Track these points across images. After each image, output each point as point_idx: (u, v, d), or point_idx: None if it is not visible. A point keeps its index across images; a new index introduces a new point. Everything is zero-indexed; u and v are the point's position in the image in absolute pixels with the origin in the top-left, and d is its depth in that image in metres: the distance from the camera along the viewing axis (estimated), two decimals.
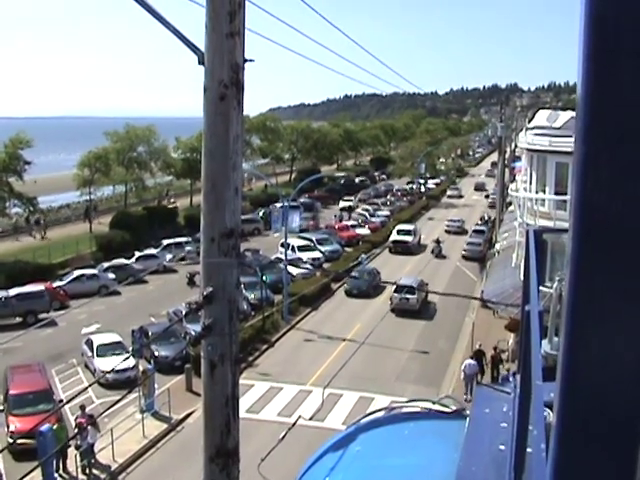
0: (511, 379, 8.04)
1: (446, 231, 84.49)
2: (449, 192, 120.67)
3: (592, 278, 1.57)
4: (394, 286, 50.52)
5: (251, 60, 6.87)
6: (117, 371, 35.20)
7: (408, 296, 49.48)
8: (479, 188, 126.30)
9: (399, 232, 75.69)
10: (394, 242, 74.42)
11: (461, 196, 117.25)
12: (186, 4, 8.88)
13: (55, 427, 28.22)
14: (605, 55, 1.50)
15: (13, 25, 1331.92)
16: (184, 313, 41.11)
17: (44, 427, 26.75)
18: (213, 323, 6.88)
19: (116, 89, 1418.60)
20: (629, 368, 1.59)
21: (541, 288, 5.13)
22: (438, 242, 73.35)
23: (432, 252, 72.24)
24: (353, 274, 57.55)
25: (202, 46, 6.66)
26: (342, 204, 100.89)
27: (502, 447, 6.00)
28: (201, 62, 6.69)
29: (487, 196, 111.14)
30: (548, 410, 3.44)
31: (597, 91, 1.52)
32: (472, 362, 37.30)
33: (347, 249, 72.50)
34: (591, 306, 1.58)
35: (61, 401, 32.71)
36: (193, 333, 37.81)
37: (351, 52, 26.19)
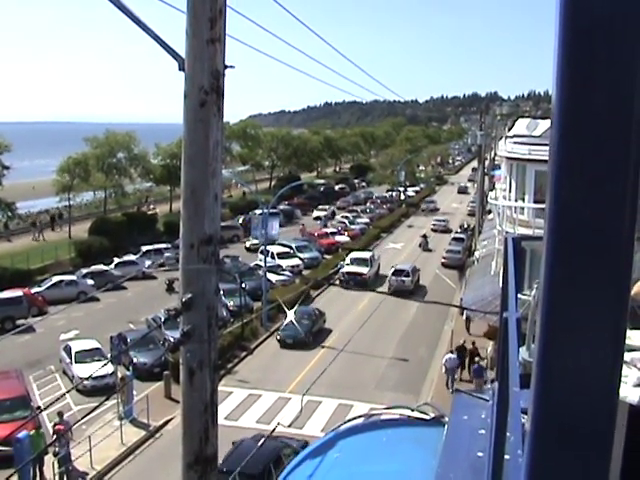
0: (489, 386, 8.09)
1: (432, 230, 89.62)
2: (423, 205, 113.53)
3: (566, 285, 1.59)
4: (392, 269, 59.85)
5: (231, 66, 6.87)
6: (95, 378, 35.04)
7: (404, 278, 57.71)
8: (462, 191, 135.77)
9: (353, 261, 63.46)
10: (346, 274, 61.56)
11: (437, 209, 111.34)
12: (167, 10, 8.89)
13: (32, 434, 28.05)
14: (579, 64, 1.52)
15: None
16: (163, 320, 40.99)
17: (21, 434, 26.59)
18: (192, 330, 6.87)
19: (97, 95, 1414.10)
20: (602, 375, 1.61)
21: (520, 296, 5.15)
22: (425, 237, 79.94)
23: (420, 246, 77.87)
24: (288, 320, 46.78)
25: (183, 52, 6.66)
26: (316, 213, 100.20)
27: (480, 454, 6.02)
28: (181, 68, 6.69)
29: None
30: (525, 417, 3.45)
31: (571, 99, 1.53)
32: (452, 356, 39.05)
33: (327, 256, 72.51)
34: (564, 312, 1.60)
35: (39, 408, 32.52)
36: (172, 340, 37.68)
37: (332, 60, 26.24)
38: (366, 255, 65.26)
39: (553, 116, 1.57)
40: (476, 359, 39.47)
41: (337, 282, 60.67)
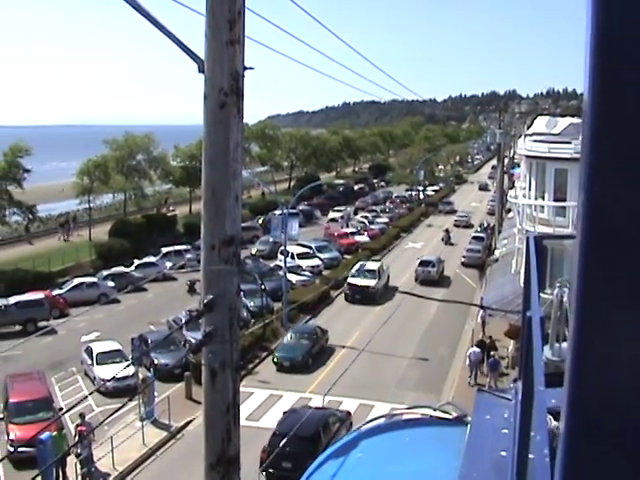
0: (512, 385, 8.05)
1: (455, 225, 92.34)
2: (440, 207, 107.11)
3: (599, 284, 1.58)
4: (418, 261, 63.20)
5: (251, 68, 6.88)
6: (117, 379, 35.13)
7: (430, 269, 60.23)
8: (483, 188, 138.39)
9: (358, 273, 58.07)
10: (351, 286, 56.91)
11: (454, 211, 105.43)
12: (186, 12, 8.90)
13: (54, 435, 28.18)
14: (611, 62, 1.51)
15: (13, 33, 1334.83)
16: (185, 321, 41.09)
17: (44, 435, 26.71)
18: (214, 331, 6.87)
19: (117, 97, 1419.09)
20: (638, 373, 1.60)
21: (541, 294, 5.13)
22: (447, 231, 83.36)
23: (442, 240, 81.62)
24: (286, 339, 44.56)
25: (202, 54, 6.67)
26: (332, 215, 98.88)
27: (503, 453, 6.00)
28: (201, 70, 6.69)
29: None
30: (549, 416, 3.44)
31: (604, 97, 1.53)
32: (477, 350, 40.00)
33: (346, 256, 72.45)
34: (598, 312, 1.59)
35: (61, 409, 32.68)
36: (192, 341, 37.78)
37: (350, 59, 26.22)
38: (374, 265, 59.83)
39: (584, 115, 1.56)
40: (492, 353, 39.82)
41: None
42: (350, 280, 57.28)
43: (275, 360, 42.59)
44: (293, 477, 23.21)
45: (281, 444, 25.61)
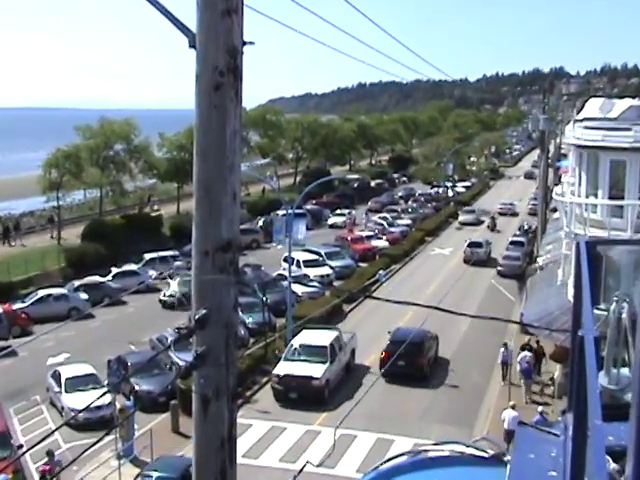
0: (560, 418, 8.01)
1: (500, 213, 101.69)
2: (461, 217, 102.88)
3: None
4: (467, 242, 76.90)
5: (251, 43, 6.85)
6: (90, 409, 35.00)
7: (478, 250, 74.44)
8: (529, 176, 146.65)
9: (300, 351, 42.93)
10: (282, 378, 40.96)
11: (480, 222, 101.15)
12: None
13: (10, 478, 28.01)
14: None
15: None
16: (172, 340, 41.07)
17: None
18: (206, 351, 6.85)
19: (93, 77, 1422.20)
20: None
21: (594, 310, 5.11)
22: (493, 218, 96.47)
23: (488, 227, 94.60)
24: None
25: (194, 27, 6.64)
26: (332, 220, 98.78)
27: None
28: (192, 45, 6.66)
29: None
30: (607, 457, 3.42)
31: None
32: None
33: (362, 264, 72.37)
34: None
35: (21, 446, 32.54)
36: (181, 364, 37.75)
37: (366, 33, 26.17)
38: (324, 339, 43.64)
39: None
40: (525, 354, 40.92)
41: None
42: (281, 368, 41.90)
43: None
44: (405, 373, 42.20)
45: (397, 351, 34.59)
